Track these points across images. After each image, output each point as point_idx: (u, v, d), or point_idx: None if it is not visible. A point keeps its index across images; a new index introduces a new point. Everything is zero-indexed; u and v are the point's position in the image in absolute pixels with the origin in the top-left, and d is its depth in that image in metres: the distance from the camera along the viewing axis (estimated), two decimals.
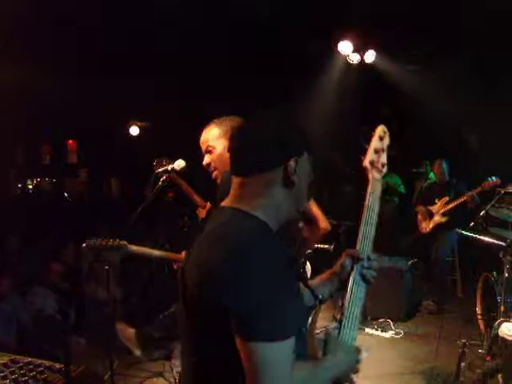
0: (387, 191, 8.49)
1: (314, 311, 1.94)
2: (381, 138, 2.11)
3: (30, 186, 16.30)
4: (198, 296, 1.54)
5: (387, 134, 2.12)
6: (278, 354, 1.44)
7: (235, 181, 1.69)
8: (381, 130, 2.13)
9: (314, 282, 2.00)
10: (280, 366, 1.44)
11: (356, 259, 1.92)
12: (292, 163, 1.63)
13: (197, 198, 4.01)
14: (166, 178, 3.16)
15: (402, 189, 8.57)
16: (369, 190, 2.02)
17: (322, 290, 1.97)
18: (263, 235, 1.58)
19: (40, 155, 15.86)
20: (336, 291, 2.00)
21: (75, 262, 6.08)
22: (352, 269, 1.91)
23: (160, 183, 3.15)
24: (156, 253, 3.23)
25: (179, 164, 3.23)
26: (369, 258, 1.89)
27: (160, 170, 3.17)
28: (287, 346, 1.46)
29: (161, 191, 3.19)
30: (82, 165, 15.57)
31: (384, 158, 2.10)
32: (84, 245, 3.15)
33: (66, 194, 15.15)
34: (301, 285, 1.82)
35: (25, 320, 4.94)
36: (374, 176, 2.07)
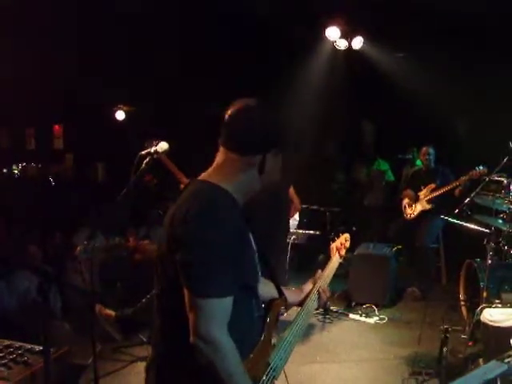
0: (375, 179, 8.53)
1: (276, 302, 2.08)
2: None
3: (16, 171, 16.12)
4: (164, 253, 1.78)
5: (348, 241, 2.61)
6: (213, 309, 1.67)
7: (221, 150, 1.91)
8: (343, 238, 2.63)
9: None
10: (214, 320, 1.67)
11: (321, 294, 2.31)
12: (269, 155, 1.88)
13: (181, 176, 4.13)
14: (149, 159, 3.14)
15: (390, 176, 8.58)
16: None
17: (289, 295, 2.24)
18: (222, 204, 1.77)
19: (25, 140, 15.69)
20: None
21: (60, 247, 6.06)
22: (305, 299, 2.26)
23: (143, 165, 3.12)
24: None
25: (162, 146, 3.22)
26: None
27: (143, 152, 3.15)
28: (223, 303, 1.69)
29: (144, 173, 3.18)
30: (68, 150, 15.41)
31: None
32: (96, 244, 3.16)
33: (51, 180, 15.00)
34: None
35: (9, 303, 4.90)
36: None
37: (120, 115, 12.20)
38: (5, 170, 15.68)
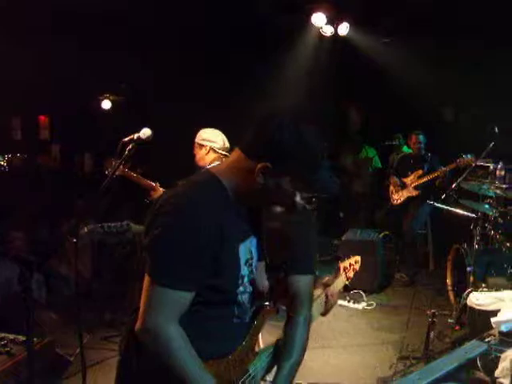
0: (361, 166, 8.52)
1: (266, 309, 1.97)
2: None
3: (2, 163, 15.97)
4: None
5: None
6: (165, 298, 1.62)
7: (236, 149, 1.78)
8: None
9: None
10: (163, 309, 1.63)
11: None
12: (260, 166, 1.65)
13: (145, 182, 4.01)
14: (132, 147, 3.10)
15: (377, 163, 8.58)
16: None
17: None
18: (207, 200, 1.67)
19: (11, 131, 15.52)
20: None
21: (49, 237, 6.00)
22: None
23: (126, 152, 3.09)
24: None
25: (145, 132, 3.17)
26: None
27: (126, 139, 3.11)
28: (176, 295, 1.62)
29: (127, 161, 3.16)
30: (54, 140, 15.28)
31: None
32: (85, 230, 3.12)
33: (37, 170, 14.87)
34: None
35: None
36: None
37: (106, 104, 12.08)
38: None
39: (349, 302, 6.09)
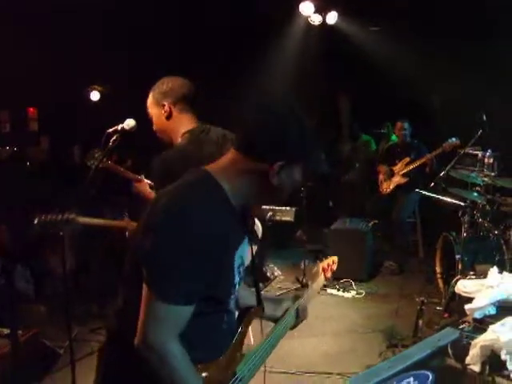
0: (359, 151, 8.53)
1: (252, 311, 1.94)
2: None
3: None
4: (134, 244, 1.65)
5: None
6: (166, 313, 1.53)
7: (227, 154, 1.70)
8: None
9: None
10: (166, 326, 1.54)
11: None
12: (276, 167, 1.61)
13: (129, 174, 3.95)
14: (116, 138, 3.07)
15: (373, 145, 8.62)
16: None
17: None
18: (206, 205, 1.58)
19: None
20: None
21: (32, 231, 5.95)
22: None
23: (110, 143, 3.07)
24: (103, 222, 3.15)
25: (129, 123, 3.14)
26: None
27: (110, 130, 3.08)
28: (180, 311, 1.54)
29: (111, 152, 3.14)
30: (43, 132, 15.17)
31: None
32: (35, 221, 3.08)
33: (27, 163, 14.77)
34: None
35: None
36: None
37: (94, 96, 11.97)
38: None
39: (338, 290, 6.10)
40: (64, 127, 12.23)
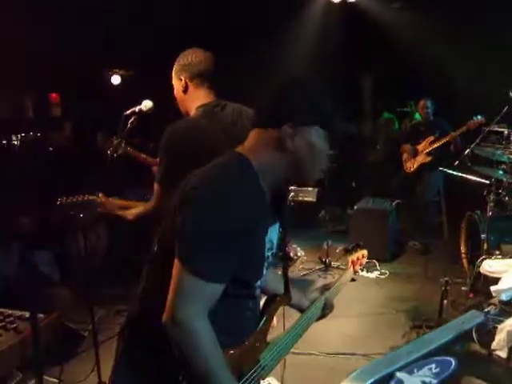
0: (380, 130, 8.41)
1: (278, 299, 1.91)
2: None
3: (16, 142, 16.00)
4: (171, 212, 1.60)
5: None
6: (198, 290, 1.49)
7: (252, 130, 1.70)
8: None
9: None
10: (197, 303, 1.49)
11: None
12: (287, 128, 1.60)
13: (147, 158, 3.97)
14: (134, 119, 3.07)
15: (395, 124, 8.50)
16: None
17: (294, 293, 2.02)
18: (247, 186, 1.57)
19: (23, 110, 15.54)
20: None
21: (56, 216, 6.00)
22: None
23: (128, 125, 3.06)
24: (125, 203, 3.11)
25: (146, 105, 3.13)
26: None
27: (127, 112, 3.07)
28: (212, 288, 1.50)
29: (129, 134, 3.13)
30: (66, 118, 15.27)
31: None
32: (58, 203, 3.08)
33: (50, 148, 14.90)
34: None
35: (8, 274, 4.91)
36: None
37: (116, 80, 11.97)
38: (4, 142, 15.57)
39: (362, 270, 6.01)
40: (87, 112, 12.30)
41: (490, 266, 4.09)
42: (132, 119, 3.07)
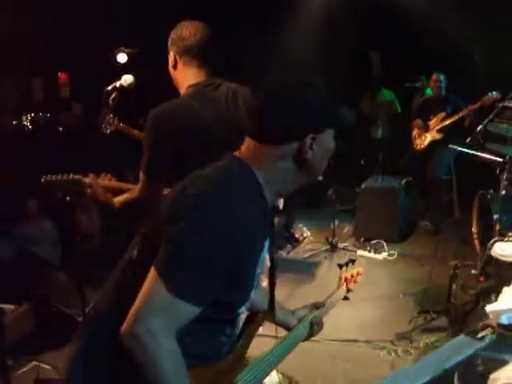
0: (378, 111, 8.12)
1: (260, 315, 1.76)
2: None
3: (25, 123, 15.97)
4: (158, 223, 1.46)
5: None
6: (171, 307, 1.34)
7: (249, 141, 1.54)
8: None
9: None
10: (163, 318, 1.33)
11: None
12: (308, 140, 1.49)
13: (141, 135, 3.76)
14: (116, 96, 2.92)
15: (396, 108, 8.16)
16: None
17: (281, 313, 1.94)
18: (247, 198, 1.45)
19: (32, 91, 15.48)
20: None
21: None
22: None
23: (110, 102, 2.91)
24: (116, 184, 2.92)
25: (126, 79, 2.99)
26: None
27: (109, 87, 2.92)
28: (189, 310, 1.36)
29: (111, 111, 2.99)
30: (75, 98, 15.20)
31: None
32: (42, 180, 2.90)
33: (60, 129, 14.86)
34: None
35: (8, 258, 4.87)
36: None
37: (122, 58, 11.79)
38: (14, 122, 15.53)
39: (369, 251, 5.89)
40: (94, 92, 12.15)
41: (502, 249, 3.88)
42: (113, 95, 2.91)
